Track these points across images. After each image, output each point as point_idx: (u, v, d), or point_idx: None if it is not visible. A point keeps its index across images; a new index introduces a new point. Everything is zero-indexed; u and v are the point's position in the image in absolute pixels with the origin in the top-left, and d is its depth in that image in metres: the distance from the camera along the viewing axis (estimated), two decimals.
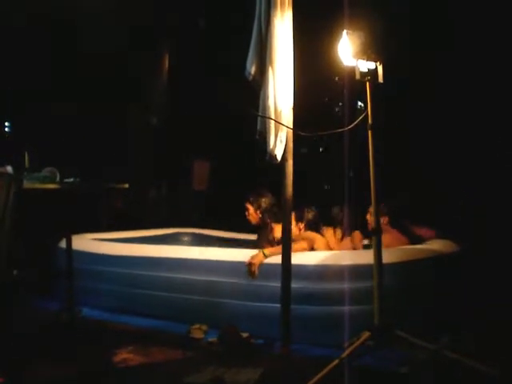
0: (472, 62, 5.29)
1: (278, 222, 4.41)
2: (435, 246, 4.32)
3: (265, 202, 4.66)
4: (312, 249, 4.16)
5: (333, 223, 4.71)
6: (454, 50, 5.34)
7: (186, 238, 5.95)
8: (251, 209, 4.72)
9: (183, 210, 7.33)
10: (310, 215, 4.52)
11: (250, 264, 3.92)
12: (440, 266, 4.08)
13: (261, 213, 4.68)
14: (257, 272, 3.90)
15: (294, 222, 4.21)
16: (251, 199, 4.71)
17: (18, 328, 3.75)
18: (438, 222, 4.88)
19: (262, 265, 3.91)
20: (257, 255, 3.93)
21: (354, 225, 4.60)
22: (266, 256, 3.90)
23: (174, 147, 7.08)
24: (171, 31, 6.89)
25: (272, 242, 4.53)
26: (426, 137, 5.58)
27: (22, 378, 3.15)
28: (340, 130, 3.31)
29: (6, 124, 6.82)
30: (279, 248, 3.77)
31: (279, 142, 3.32)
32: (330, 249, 4.35)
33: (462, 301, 4.08)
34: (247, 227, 5.10)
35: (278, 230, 4.44)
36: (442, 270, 4.11)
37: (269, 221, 4.64)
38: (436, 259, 4.06)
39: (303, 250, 4.02)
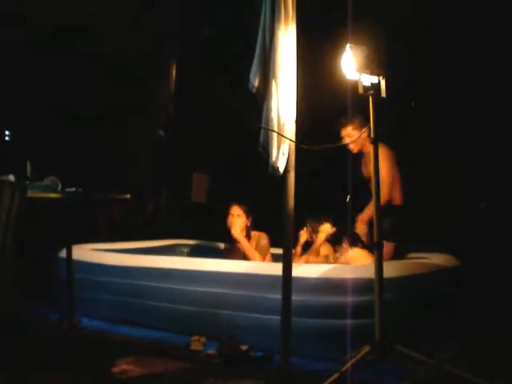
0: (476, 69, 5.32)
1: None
2: (436, 259, 4.33)
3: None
4: None
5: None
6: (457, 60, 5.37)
7: (185, 250, 5.94)
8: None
9: (182, 221, 7.33)
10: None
11: None
12: (441, 280, 4.09)
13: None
14: None
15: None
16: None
17: (17, 338, 3.73)
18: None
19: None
20: None
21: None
22: None
23: (175, 158, 7.07)
24: (178, 39, 6.90)
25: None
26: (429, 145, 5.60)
27: None
28: (342, 144, 3.32)
29: (7, 133, 6.83)
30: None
31: (281, 154, 3.31)
32: None
33: (462, 315, 4.08)
34: None
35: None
36: (442, 284, 4.12)
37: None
38: (437, 273, 4.07)
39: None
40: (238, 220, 4.91)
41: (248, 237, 4.96)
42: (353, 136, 4.38)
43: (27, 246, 3.52)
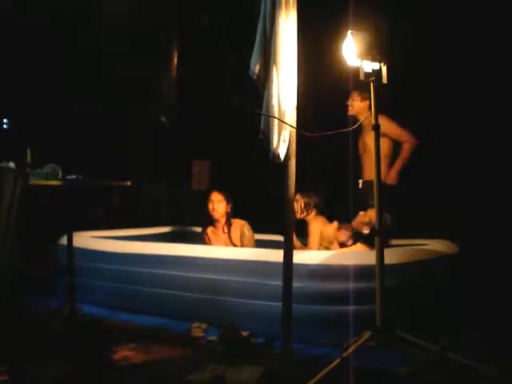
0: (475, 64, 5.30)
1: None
2: (437, 246, 4.34)
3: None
4: None
5: None
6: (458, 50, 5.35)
7: (185, 237, 5.95)
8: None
9: (183, 208, 7.33)
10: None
11: None
12: (441, 267, 4.10)
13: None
14: None
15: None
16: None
17: (18, 325, 3.74)
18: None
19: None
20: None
21: None
22: None
23: (175, 145, 7.06)
24: (179, 29, 6.86)
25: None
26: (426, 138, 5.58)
27: (24, 376, 3.14)
28: (344, 130, 3.31)
29: (5, 121, 6.81)
30: None
31: (282, 141, 3.30)
32: None
33: (462, 301, 4.10)
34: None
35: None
36: (443, 271, 4.13)
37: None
38: (438, 260, 4.08)
39: None
40: (218, 206, 4.95)
41: (229, 223, 5.03)
42: (354, 103, 4.84)
43: (28, 233, 3.53)
